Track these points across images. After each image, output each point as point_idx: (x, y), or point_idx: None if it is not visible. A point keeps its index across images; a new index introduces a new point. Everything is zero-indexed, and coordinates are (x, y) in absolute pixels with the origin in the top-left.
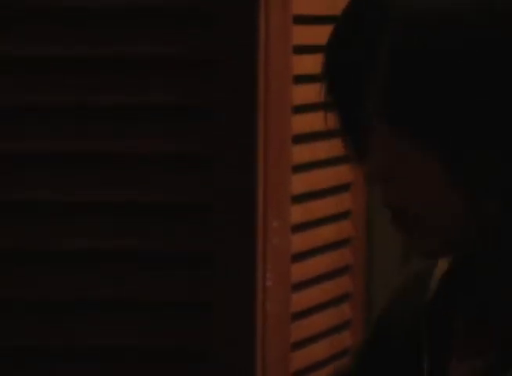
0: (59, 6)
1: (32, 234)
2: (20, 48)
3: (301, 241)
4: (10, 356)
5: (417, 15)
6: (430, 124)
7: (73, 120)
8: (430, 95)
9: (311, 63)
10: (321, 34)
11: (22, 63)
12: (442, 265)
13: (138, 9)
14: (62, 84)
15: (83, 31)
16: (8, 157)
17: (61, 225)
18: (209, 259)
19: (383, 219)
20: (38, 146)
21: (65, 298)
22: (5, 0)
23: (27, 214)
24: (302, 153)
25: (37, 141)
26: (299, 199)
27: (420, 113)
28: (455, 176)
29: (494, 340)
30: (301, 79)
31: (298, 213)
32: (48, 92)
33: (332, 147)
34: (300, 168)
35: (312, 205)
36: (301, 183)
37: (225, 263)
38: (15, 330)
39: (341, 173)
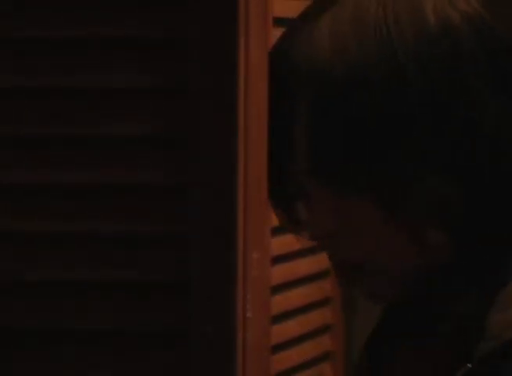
0: (28, 36)
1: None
2: None
3: (280, 273)
4: None
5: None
6: (355, 167)
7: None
8: (348, 139)
9: None
10: None
11: None
12: None
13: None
14: (28, 114)
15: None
16: None
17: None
18: (188, 290)
19: None
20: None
21: None
22: None
23: None
24: None
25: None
26: (279, 231)
27: (342, 157)
28: (390, 213)
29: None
30: None
31: (278, 245)
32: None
33: None
34: None
35: (292, 237)
36: None
37: (205, 295)
38: None
39: None
